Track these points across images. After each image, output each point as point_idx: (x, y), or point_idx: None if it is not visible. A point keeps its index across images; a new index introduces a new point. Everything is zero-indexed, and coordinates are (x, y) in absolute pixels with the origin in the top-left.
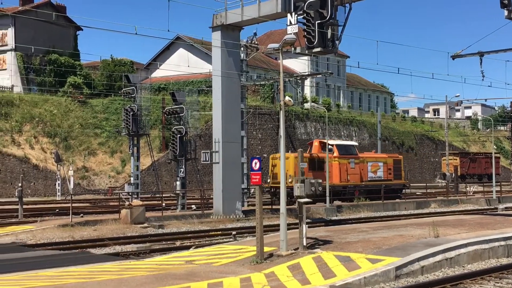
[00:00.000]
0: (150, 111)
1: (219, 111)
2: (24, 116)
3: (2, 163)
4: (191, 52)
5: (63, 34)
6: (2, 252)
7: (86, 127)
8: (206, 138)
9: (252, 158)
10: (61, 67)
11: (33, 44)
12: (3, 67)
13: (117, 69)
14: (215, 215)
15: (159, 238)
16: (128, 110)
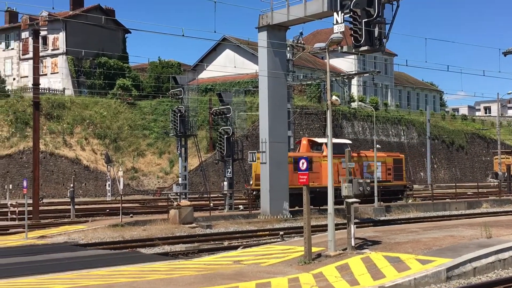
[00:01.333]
0: (197, 112)
1: (265, 111)
2: (75, 118)
3: (54, 164)
4: (238, 53)
5: (112, 37)
6: (55, 251)
7: (135, 129)
8: (253, 138)
9: (299, 158)
10: (110, 70)
11: (83, 48)
12: (55, 70)
13: (164, 71)
14: (262, 215)
15: (207, 238)
16: (176, 111)
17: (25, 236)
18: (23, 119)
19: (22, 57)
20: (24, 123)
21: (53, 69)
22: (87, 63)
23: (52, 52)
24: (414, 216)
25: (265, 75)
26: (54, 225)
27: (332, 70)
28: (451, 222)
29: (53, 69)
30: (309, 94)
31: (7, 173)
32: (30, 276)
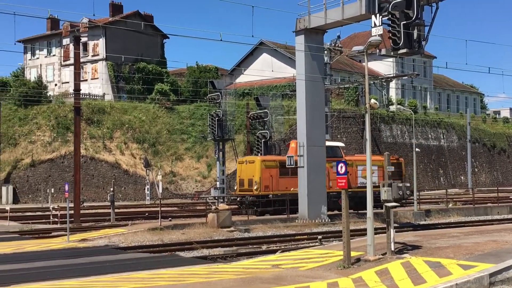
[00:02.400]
0: (234, 116)
1: (303, 115)
2: (115, 123)
3: (95, 168)
4: (275, 57)
5: (150, 43)
6: (96, 254)
7: (173, 133)
8: None
9: (337, 162)
10: (149, 75)
11: (123, 53)
12: (95, 76)
13: (202, 75)
14: (300, 219)
15: (245, 242)
16: (214, 115)
17: (67, 239)
18: (64, 124)
19: (64, 63)
20: (65, 128)
21: (93, 74)
22: (126, 69)
23: (93, 58)
24: (455, 221)
25: (303, 78)
26: (95, 229)
27: (370, 73)
28: (493, 227)
29: (93, 74)
30: (347, 97)
31: (49, 177)
32: (72, 279)
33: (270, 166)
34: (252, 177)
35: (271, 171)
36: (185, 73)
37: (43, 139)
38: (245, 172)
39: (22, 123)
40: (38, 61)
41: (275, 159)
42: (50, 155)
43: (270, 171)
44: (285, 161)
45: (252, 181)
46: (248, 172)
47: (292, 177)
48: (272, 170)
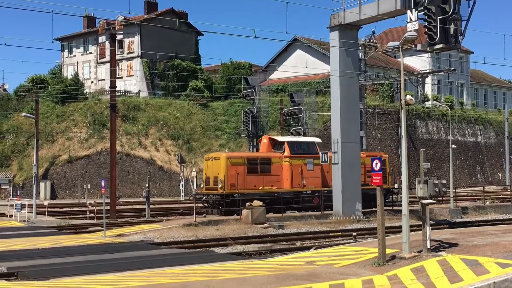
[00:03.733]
0: (268, 113)
1: (337, 112)
2: (150, 119)
3: (130, 164)
4: (309, 53)
5: (185, 40)
6: (132, 249)
7: (207, 129)
8: (324, 139)
9: (372, 158)
10: (183, 72)
11: (157, 51)
12: (130, 73)
13: (236, 72)
14: (334, 216)
15: (279, 239)
16: (248, 112)
17: (103, 234)
18: (100, 121)
19: (100, 60)
20: (101, 125)
21: (128, 72)
22: (161, 66)
23: (128, 55)
24: (492, 218)
25: (337, 75)
26: (131, 224)
27: (406, 69)
28: None
29: (128, 72)
30: (382, 93)
31: (86, 173)
32: (109, 273)
33: (237, 163)
34: (217, 174)
35: (238, 168)
36: (219, 70)
37: (80, 136)
38: (211, 169)
39: (60, 120)
40: (75, 59)
41: (242, 156)
42: (87, 151)
43: (237, 168)
44: (254, 158)
45: (217, 179)
46: (214, 169)
47: (262, 175)
48: (239, 167)
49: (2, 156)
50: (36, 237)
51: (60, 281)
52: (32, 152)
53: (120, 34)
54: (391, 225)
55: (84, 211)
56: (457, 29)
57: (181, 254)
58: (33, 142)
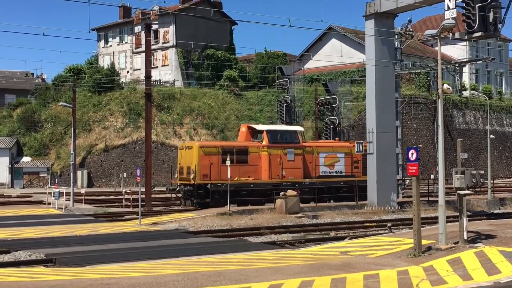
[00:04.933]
0: (303, 102)
1: (373, 101)
2: (185, 109)
3: (165, 154)
4: (344, 42)
5: (219, 29)
6: (167, 237)
7: (242, 119)
8: (359, 128)
9: (408, 148)
10: (218, 61)
11: (192, 40)
12: (165, 63)
13: (270, 61)
14: (369, 206)
15: (313, 228)
16: (282, 101)
17: (139, 222)
18: (136, 110)
19: (135, 50)
20: (137, 114)
21: (163, 61)
22: (195, 55)
23: (163, 45)
24: None
25: (373, 64)
26: (165, 213)
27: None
28: None
29: (163, 61)
30: (418, 83)
31: (121, 162)
32: (144, 261)
33: (211, 153)
34: (190, 164)
35: (212, 158)
36: (253, 59)
37: (116, 125)
38: (184, 159)
39: (96, 109)
40: (111, 49)
41: (216, 145)
42: (123, 140)
43: (210, 158)
44: (229, 147)
45: (190, 169)
46: (187, 159)
47: (238, 165)
48: (212, 157)
49: (41, 144)
50: (74, 225)
51: (97, 268)
52: (70, 141)
53: (155, 24)
54: (426, 216)
55: (120, 199)
56: (496, 16)
57: (215, 243)
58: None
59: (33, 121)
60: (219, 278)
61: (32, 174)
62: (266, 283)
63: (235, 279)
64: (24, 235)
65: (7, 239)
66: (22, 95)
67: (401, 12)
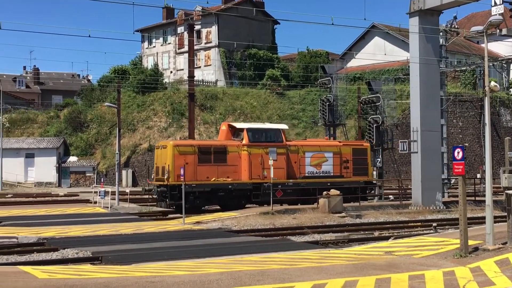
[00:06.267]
0: (345, 101)
1: (417, 99)
2: (227, 108)
3: None
4: (387, 40)
5: (261, 29)
6: (210, 236)
7: (284, 118)
8: (403, 127)
9: (454, 147)
10: (260, 61)
11: (234, 40)
12: (208, 63)
13: (313, 60)
14: (413, 206)
15: (356, 228)
16: (324, 100)
17: (183, 221)
18: (179, 110)
19: (178, 51)
20: (180, 114)
21: (206, 61)
22: (238, 55)
23: (206, 45)
24: None
25: (417, 62)
26: (209, 212)
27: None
28: None
29: (206, 61)
30: (463, 80)
31: None
32: (188, 260)
33: (186, 152)
34: (164, 164)
35: (187, 157)
36: (295, 58)
37: (159, 125)
38: (160, 158)
39: (140, 110)
40: (154, 50)
41: (192, 144)
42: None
43: (186, 157)
44: (206, 146)
45: (164, 169)
46: (162, 158)
47: (215, 165)
48: (188, 156)
49: (87, 144)
50: (119, 223)
51: (142, 266)
52: (115, 141)
53: (198, 25)
54: (473, 216)
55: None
56: None
57: (258, 242)
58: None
59: (79, 122)
60: (263, 277)
61: (79, 173)
62: (309, 283)
63: (278, 278)
64: (72, 233)
65: (55, 237)
66: (69, 96)
67: (446, 9)
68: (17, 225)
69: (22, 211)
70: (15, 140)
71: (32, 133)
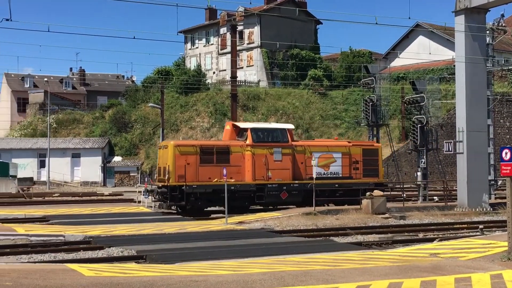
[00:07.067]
0: (389, 101)
1: (462, 99)
2: (269, 109)
3: None
4: (432, 39)
5: (304, 29)
6: (253, 237)
7: (326, 118)
8: (448, 127)
9: (502, 147)
10: (303, 61)
11: (277, 40)
12: (250, 63)
13: (355, 60)
14: (459, 208)
15: (400, 229)
16: (368, 100)
17: (225, 221)
18: (221, 110)
19: (221, 51)
20: (222, 114)
21: (248, 62)
22: (280, 55)
23: (248, 45)
24: None
25: (462, 61)
26: (252, 212)
27: None
28: None
29: (248, 62)
30: (511, 79)
31: None
32: (231, 259)
33: (187, 152)
34: (166, 164)
35: (188, 158)
36: (338, 58)
37: (202, 125)
38: (162, 158)
39: (183, 110)
40: (197, 50)
41: (194, 144)
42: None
43: (187, 158)
44: (208, 147)
45: (166, 169)
46: (163, 159)
47: (218, 165)
48: (189, 157)
49: (131, 144)
50: (162, 223)
51: (185, 265)
52: (158, 141)
53: (240, 25)
54: None
55: None
56: None
57: (300, 243)
58: (159, 131)
59: (123, 122)
60: (306, 278)
61: (123, 173)
62: (353, 284)
63: (321, 279)
64: (116, 232)
65: (101, 236)
66: (113, 97)
67: (493, 7)
68: (64, 223)
69: (68, 210)
70: (61, 140)
71: (78, 133)
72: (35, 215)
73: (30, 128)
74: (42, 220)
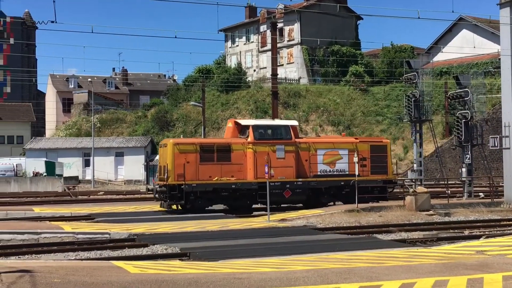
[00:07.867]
0: (432, 96)
1: (509, 93)
2: (310, 106)
3: None
4: (476, 33)
5: (344, 25)
6: (295, 234)
7: (368, 115)
8: (493, 122)
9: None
10: (343, 57)
11: (317, 37)
12: (290, 60)
13: (397, 55)
14: (506, 204)
15: (445, 226)
16: (410, 96)
17: (268, 219)
18: (262, 108)
19: (261, 49)
20: (263, 112)
21: (289, 59)
22: (320, 52)
23: (288, 43)
24: None
25: (508, 54)
26: (293, 209)
27: None
28: None
29: (289, 59)
30: None
31: None
32: (274, 257)
33: (186, 151)
34: (165, 163)
35: (188, 156)
36: (379, 54)
37: None
38: (162, 157)
39: (224, 108)
40: (237, 49)
41: (194, 142)
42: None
43: (186, 156)
44: (209, 145)
45: (165, 168)
46: (163, 157)
47: (219, 164)
48: (189, 155)
49: None
50: (205, 220)
51: (228, 262)
52: None
53: (280, 22)
54: None
55: None
56: None
57: (343, 240)
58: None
59: (165, 121)
60: (349, 275)
61: None
62: (397, 282)
63: (365, 277)
64: (160, 229)
65: (145, 233)
66: (155, 96)
67: None
68: (109, 221)
69: (113, 208)
70: (105, 139)
71: (121, 132)
72: (81, 213)
73: (75, 128)
74: (88, 218)
